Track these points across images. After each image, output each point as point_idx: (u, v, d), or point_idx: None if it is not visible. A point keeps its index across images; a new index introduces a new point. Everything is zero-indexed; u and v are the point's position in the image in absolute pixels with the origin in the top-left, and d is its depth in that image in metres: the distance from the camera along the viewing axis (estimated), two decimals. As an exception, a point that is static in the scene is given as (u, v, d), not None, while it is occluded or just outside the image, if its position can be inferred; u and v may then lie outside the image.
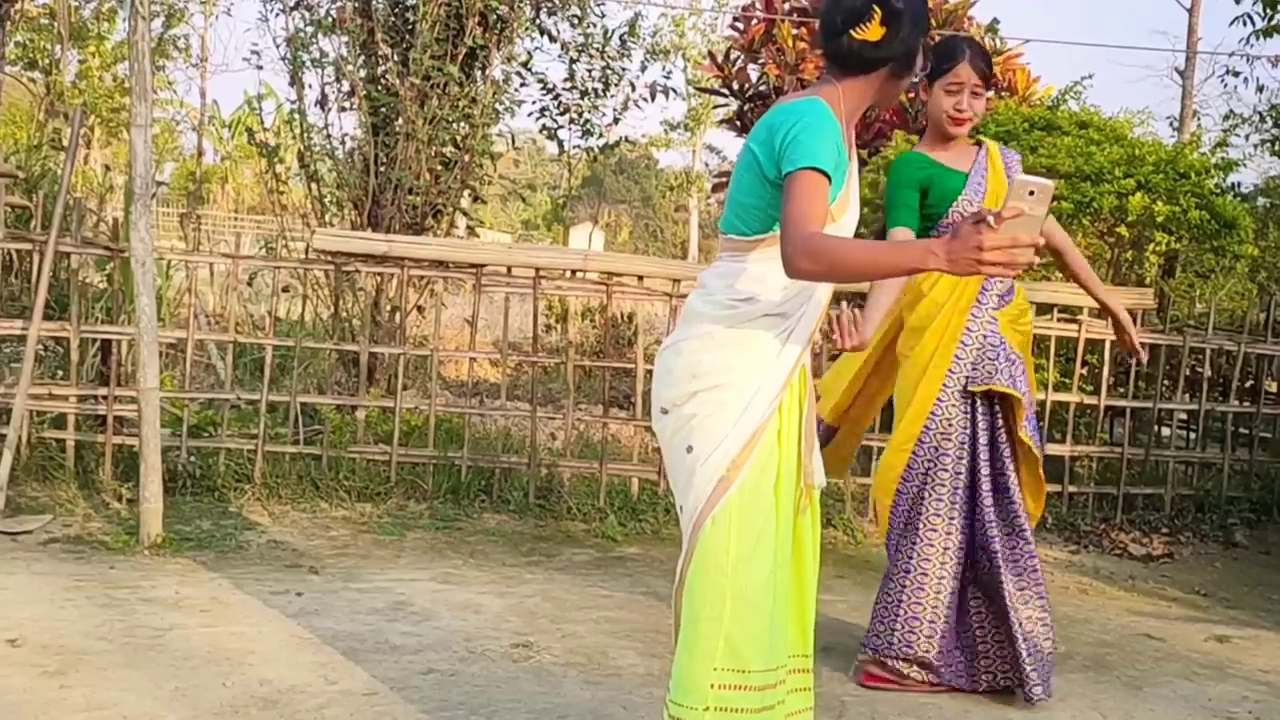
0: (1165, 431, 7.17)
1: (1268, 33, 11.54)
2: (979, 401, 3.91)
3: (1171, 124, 16.41)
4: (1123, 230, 6.60)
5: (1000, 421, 3.95)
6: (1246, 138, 14.97)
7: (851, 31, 2.57)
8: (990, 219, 2.11)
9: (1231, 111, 14.92)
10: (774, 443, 2.67)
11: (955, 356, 3.88)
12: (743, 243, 2.67)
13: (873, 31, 2.56)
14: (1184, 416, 7.24)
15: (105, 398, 5.79)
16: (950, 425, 3.89)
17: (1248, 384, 7.40)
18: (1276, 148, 13.88)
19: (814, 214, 2.40)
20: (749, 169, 2.63)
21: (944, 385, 3.87)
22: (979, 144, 4.01)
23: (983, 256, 2.13)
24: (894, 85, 2.69)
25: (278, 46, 7.97)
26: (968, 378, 3.88)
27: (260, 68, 8.23)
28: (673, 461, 2.72)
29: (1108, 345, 6.51)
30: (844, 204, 2.64)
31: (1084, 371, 6.59)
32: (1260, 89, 13.39)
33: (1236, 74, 14.32)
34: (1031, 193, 2.12)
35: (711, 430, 2.62)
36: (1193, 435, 7.15)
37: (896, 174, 3.93)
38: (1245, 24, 11.57)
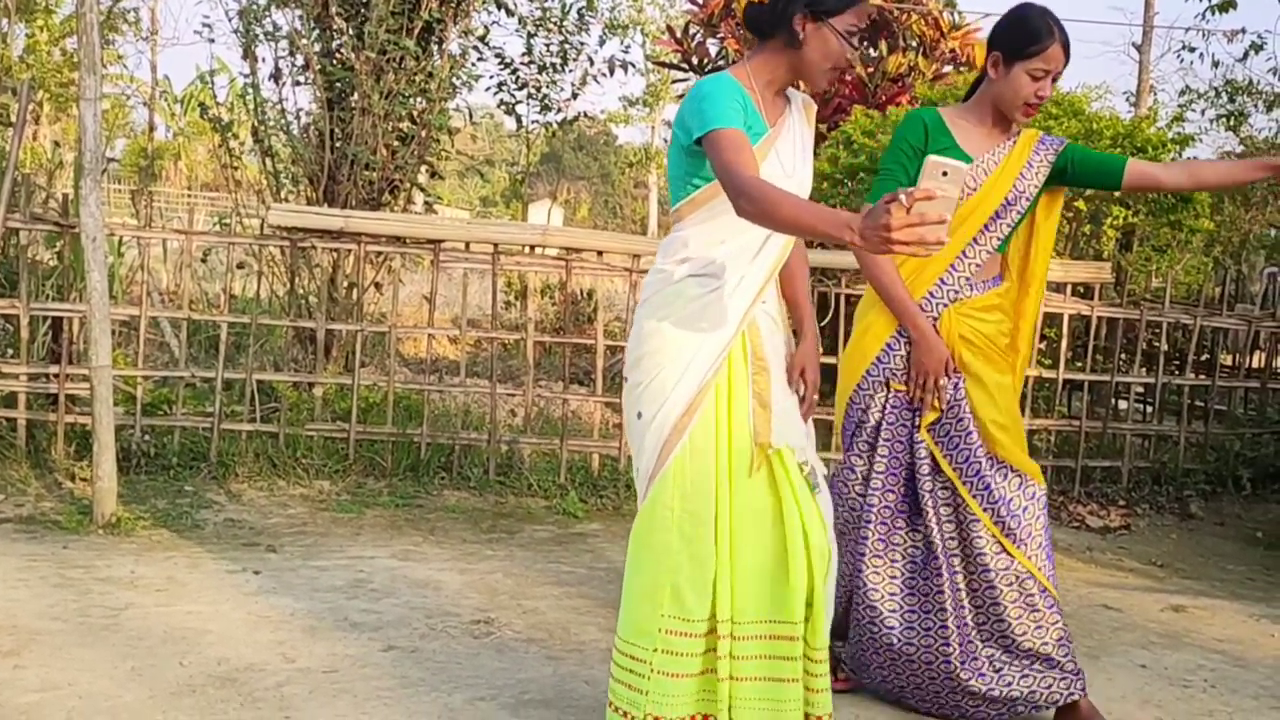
0: (1122, 405, 7.23)
1: (1223, 8, 11.67)
2: (896, 395, 3.52)
3: (1128, 99, 16.56)
4: (1080, 204, 6.64)
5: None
6: (1202, 113, 15.18)
7: None
8: (903, 197, 2.13)
9: (1187, 87, 15.11)
10: (720, 402, 2.75)
11: (886, 346, 3.50)
12: (676, 213, 2.83)
13: None
14: (1141, 390, 7.30)
15: (57, 376, 5.70)
16: (866, 415, 3.53)
17: (1203, 357, 7.47)
18: (1231, 123, 14.03)
19: (741, 160, 2.52)
20: (674, 142, 2.80)
21: (866, 373, 3.52)
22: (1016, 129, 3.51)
23: (891, 236, 2.13)
24: (796, 58, 2.76)
25: (229, 19, 7.88)
26: (892, 372, 3.51)
27: (212, 41, 8.17)
28: (630, 428, 2.84)
29: (1065, 319, 6.55)
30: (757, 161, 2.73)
31: (1042, 345, 6.62)
32: (1215, 64, 13.62)
33: (1192, 49, 14.48)
34: (945, 173, 2.15)
35: (654, 394, 2.74)
36: (1149, 408, 7.21)
37: (901, 136, 3.47)
38: (1201, -1, 11.70)
